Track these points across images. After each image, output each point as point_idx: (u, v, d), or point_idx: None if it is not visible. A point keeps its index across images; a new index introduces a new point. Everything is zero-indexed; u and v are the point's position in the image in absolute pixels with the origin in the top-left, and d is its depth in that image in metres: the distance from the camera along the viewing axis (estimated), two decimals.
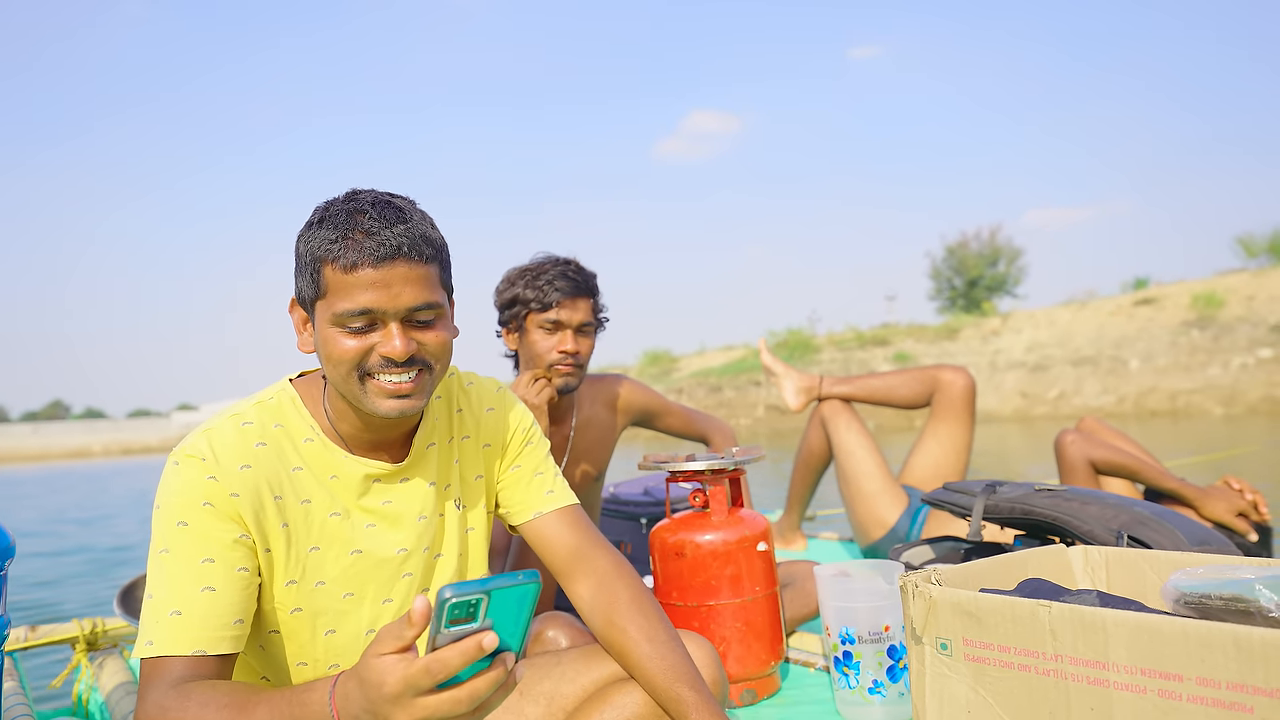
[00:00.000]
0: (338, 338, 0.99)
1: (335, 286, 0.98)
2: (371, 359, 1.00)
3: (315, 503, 1.06)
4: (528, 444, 1.24)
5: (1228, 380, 13.61)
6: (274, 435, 1.05)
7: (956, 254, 28.52)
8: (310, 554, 1.06)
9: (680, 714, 1.06)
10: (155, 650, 0.93)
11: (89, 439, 38.80)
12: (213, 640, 0.95)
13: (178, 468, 0.99)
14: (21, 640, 2.04)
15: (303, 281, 1.02)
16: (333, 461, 1.08)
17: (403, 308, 0.99)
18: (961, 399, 2.44)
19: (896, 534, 2.34)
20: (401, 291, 0.98)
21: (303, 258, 1.01)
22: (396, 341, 0.98)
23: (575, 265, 1.89)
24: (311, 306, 1.03)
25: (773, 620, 1.64)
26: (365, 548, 1.09)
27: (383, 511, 1.11)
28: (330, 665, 1.08)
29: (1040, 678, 1.03)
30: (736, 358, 22.06)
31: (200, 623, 0.94)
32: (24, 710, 1.59)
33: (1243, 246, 19.03)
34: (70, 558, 5.83)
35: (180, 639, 0.94)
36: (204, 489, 0.97)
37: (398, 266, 0.97)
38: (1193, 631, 0.89)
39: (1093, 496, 1.54)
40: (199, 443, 1.01)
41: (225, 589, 0.96)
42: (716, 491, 1.64)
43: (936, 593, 1.13)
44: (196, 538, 0.96)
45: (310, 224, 1.01)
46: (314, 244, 0.99)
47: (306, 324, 1.06)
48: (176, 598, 0.95)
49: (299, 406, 1.09)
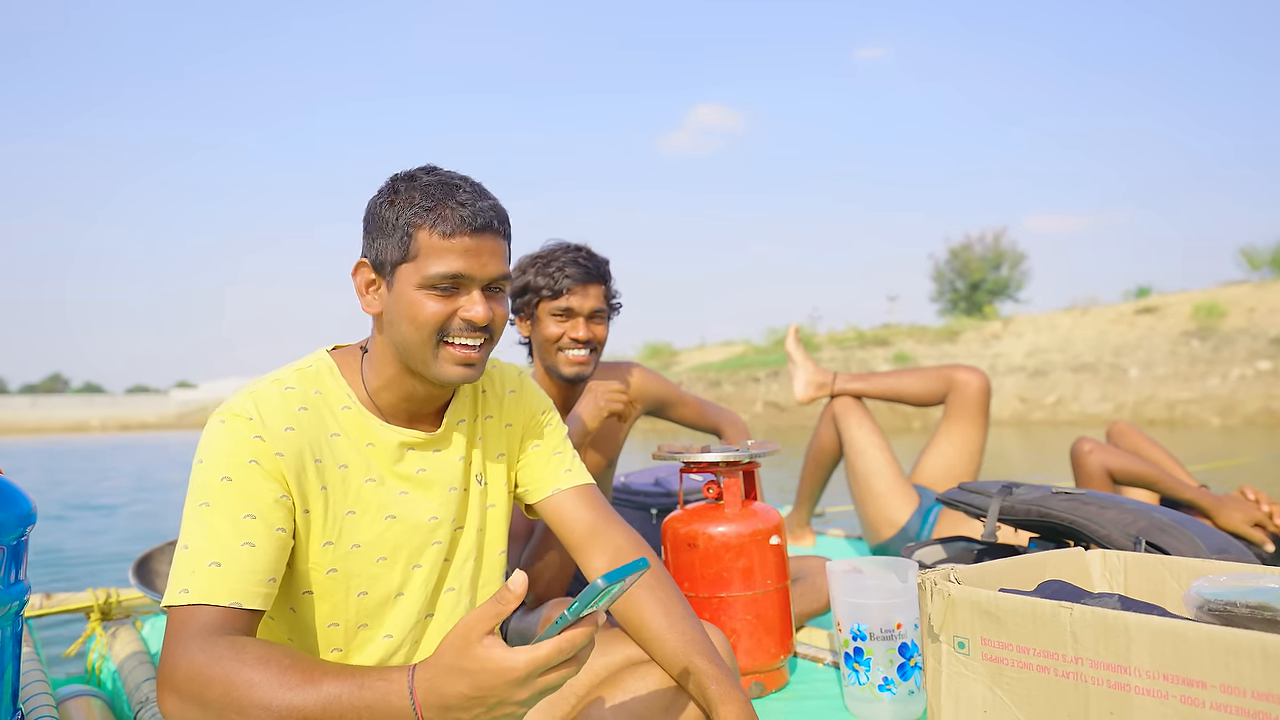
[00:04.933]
0: (424, 300, 1.05)
1: (429, 250, 1.04)
2: (453, 323, 1.06)
3: (352, 468, 1.08)
4: (547, 425, 1.29)
5: (1226, 391, 13.62)
6: (314, 401, 1.08)
7: (959, 256, 28.51)
8: (346, 517, 1.07)
9: (699, 685, 1.08)
10: (191, 598, 0.93)
11: (87, 413, 38.77)
12: (249, 594, 0.95)
13: (224, 425, 1.01)
14: (36, 608, 2.06)
15: (387, 245, 1.06)
16: (369, 429, 1.11)
17: (488, 276, 1.06)
18: (976, 399, 2.44)
19: (907, 533, 2.34)
20: (489, 261, 1.06)
21: (389, 222, 1.05)
22: (479, 307, 1.06)
23: (587, 252, 1.88)
24: (393, 270, 1.06)
25: (783, 614, 1.64)
26: (399, 513, 1.11)
27: (417, 479, 1.13)
28: (360, 625, 1.10)
29: (1059, 680, 1.03)
30: (736, 353, 22.07)
31: (239, 575, 0.95)
32: (39, 676, 1.59)
33: (1245, 258, 19.01)
34: (76, 529, 5.84)
35: (218, 589, 0.93)
36: (251, 447, 0.99)
37: (487, 238, 1.05)
38: (1219, 638, 0.89)
39: (1110, 501, 1.54)
40: (245, 403, 1.03)
41: (264, 546, 0.97)
42: (731, 484, 1.64)
43: (956, 591, 1.13)
44: (240, 493, 0.97)
45: (396, 191, 1.06)
46: (408, 210, 1.04)
47: (372, 286, 1.10)
48: (217, 549, 0.95)
49: (336, 376, 1.12)
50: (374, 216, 1.08)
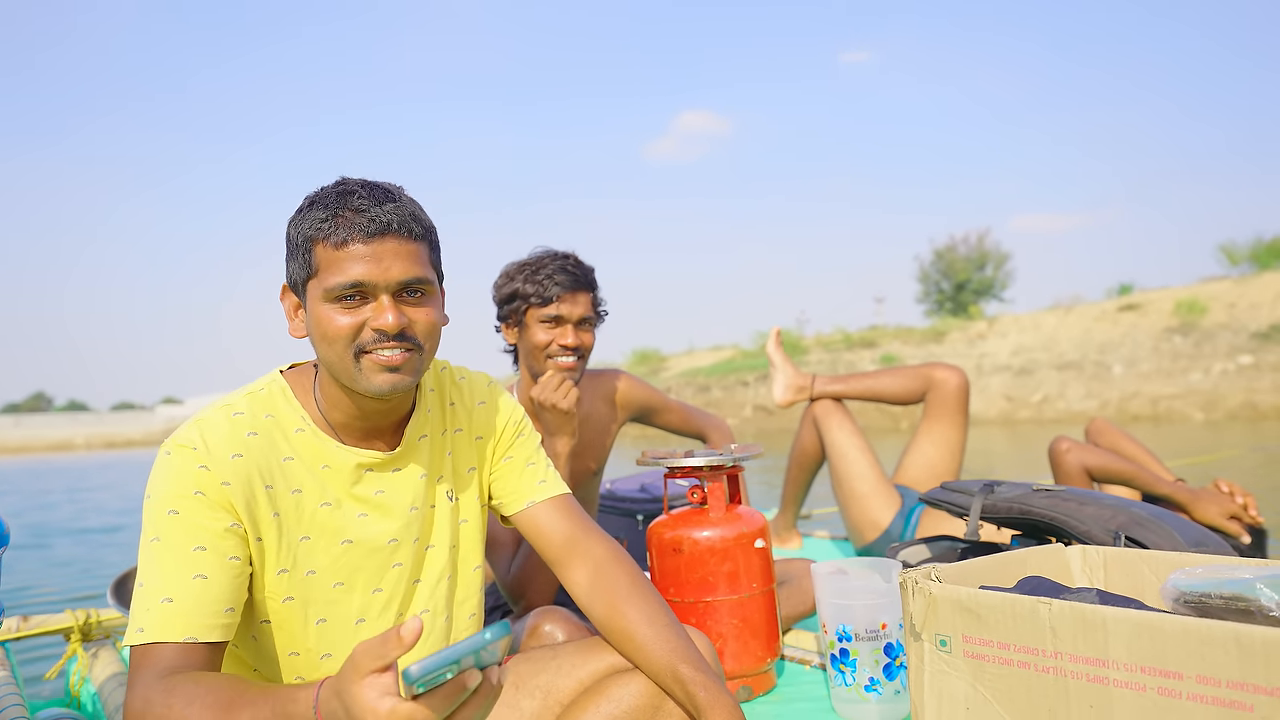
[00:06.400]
0: (331, 315, 1.02)
1: (327, 263, 1.01)
2: (365, 334, 1.03)
3: (306, 492, 1.06)
4: (519, 436, 1.27)
5: (1208, 386, 13.75)
6: (265, 425, 1.06)
7: (944, 257, 28.67)
8: (301, 543, 1.06)
9: (686, 693, 1.06)
10: (146, 637, 0.93)
11: (72, 431, 38.36)
12: (204, 628, 0.94)
13: (169, 457, 1.00)
14: (14, 630, 2.03)
15: (295, 265, 1.05)
16: (324, 451, 1.09)
17: (393, 281, 1.02)
18: (955, 397, 2.45)
19: (890, 535, 2.35)
20: (391, 265, 1.01)
21: (294, 240, 1.04)
22: (389, 315, 1.01)
23: (574, 259, 1.88)
24: (303, 289, 1.05)
25: (769, 617, 1.64)
26: (356, 537, 1.09)
27: (375, 501, 1.11)
28: (322, 655, 1.08)
29: (1040, 675, 1.04)
30: (725, 358, 22.10)
31: (192, 609, 0.94)
32: (15, 700, 1.57)
33: (1225, 254, 19.23)
34: (56, 551, 5.77)
35: (172, 626, 0.93)
36: (195, 478, 0.98)
37: (388, 241, 1.01)
38: (1194, 629, 0.90)
39: (1090, 497, 1.55)
40: (190, 433, 1.01)
41: (217, 577, 0.96)
42: (715, 488, 1.65)
43: (936, 589, 1.14)
44: (188, 526, 0.96)
45: (301, 209, 1.05)
46: (305, 225, 1.02)
47: (298, 310, 1.08)
48: (168, 585, 0.94)
49: (289, 397, 1.10)
50: (286, 238, 1.06)
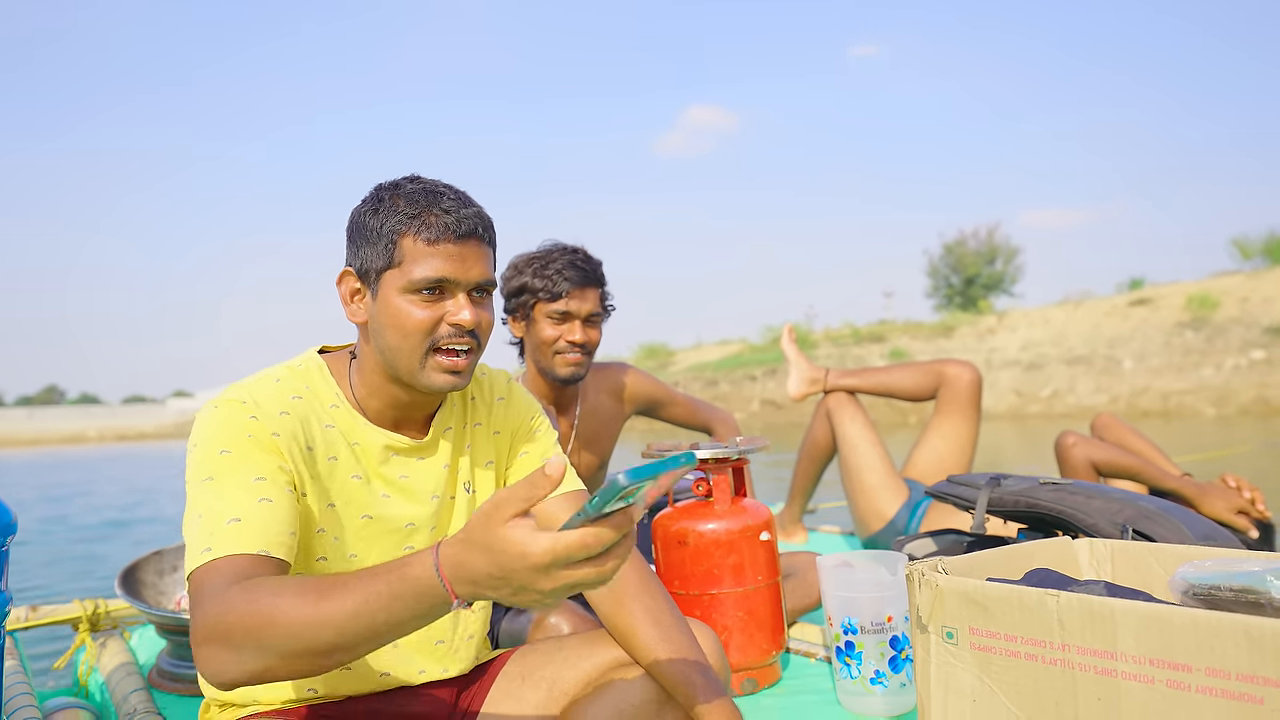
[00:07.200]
0: (409, 307, 1.05)
1: (413, 256, 1.05)
2: (441, 329, 1.06)
3: (340, 461, 1.08)
4: (537, 431, 1.28)
5: (1220, 381, 13.66)
6: (306, 394, 1.09)
7: (954, 252, 28.55)
8: (328, 509, 1.07)
9: (688, 697, 1.07)
10: (215, 554, 0.89)
11: (84, 424, 38.63)
12: (276, 544, 0.92)
13: (216, 410, 1.00)
14: (23, 620, 2.04)
15: (370, 252, 1.07)
16: (355, 428, 1.11)
17: (473, 280, 1.07)
18: (967, 393, 2.45)
19: (895, 527, 2.34)
20: (473, 266, 1.07)
21: (372, 230, 1.06)
22: (466, 311, 1.06)
23: (583, 254, 1.88)
24: (377, 278, 1.07)
25: (774, 610, 1.64)
26: (376, 514, 1.11)
27: (399, 484, 1.13)
28: None
29: (1047, 667, 1.03)
30: (732, 352, 22.09)
31: (264, 527, 0.92)
32: (24, 689, 1.59)
33: (1238, 248, 19.10)
34: (64, 542, 5.82)
35: (245, 540, 0.90)
36: (246, 425, 0.99)
37: (470, 243, 1.06)
38: (1203, 622, 0.89)
39: (1097, 491, 1.54)
40: (237, 390, 1.03)
41: (280, 502, 0.96)
42: (720, 480, 1.64)
43: (943, 581, 1.13)
44: (244, 460, 0.96)
45: (380, 199, 1.07)
46: (392, 219, 1.05)
47: (357, 295, 1.11)
48: (234, 508, 0.92)
49: (326, 376, 1.12)
50: (358, 225, 1.09)
